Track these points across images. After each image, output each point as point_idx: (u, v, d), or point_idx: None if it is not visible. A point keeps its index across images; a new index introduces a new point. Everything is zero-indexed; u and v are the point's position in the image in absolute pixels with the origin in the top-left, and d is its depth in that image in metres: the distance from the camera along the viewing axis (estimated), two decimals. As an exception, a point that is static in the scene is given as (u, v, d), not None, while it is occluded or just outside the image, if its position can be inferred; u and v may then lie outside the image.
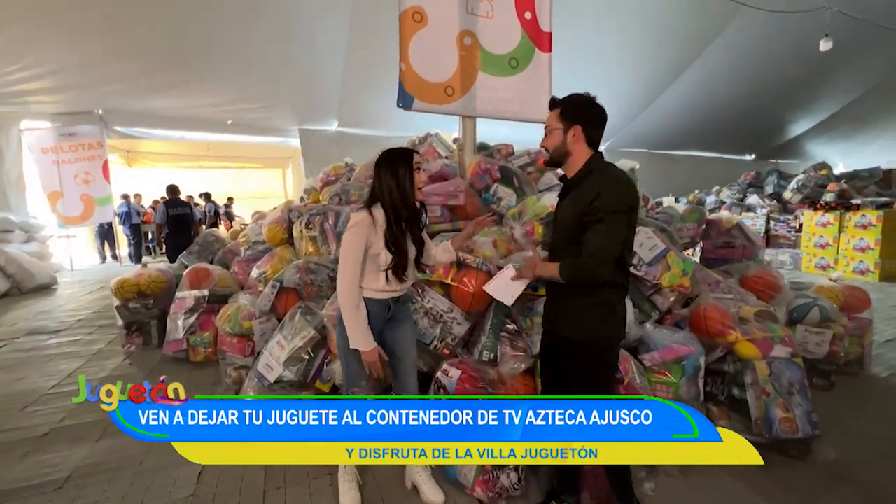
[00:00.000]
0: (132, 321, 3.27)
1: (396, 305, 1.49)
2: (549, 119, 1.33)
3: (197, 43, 6.01)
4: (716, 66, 8.25)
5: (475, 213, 2.63)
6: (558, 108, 1.31)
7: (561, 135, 1.30)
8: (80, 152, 7.45)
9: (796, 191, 8.66)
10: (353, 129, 8.70)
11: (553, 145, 1.32)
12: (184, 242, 5.03)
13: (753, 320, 2.12)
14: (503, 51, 2.99)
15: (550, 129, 1.32)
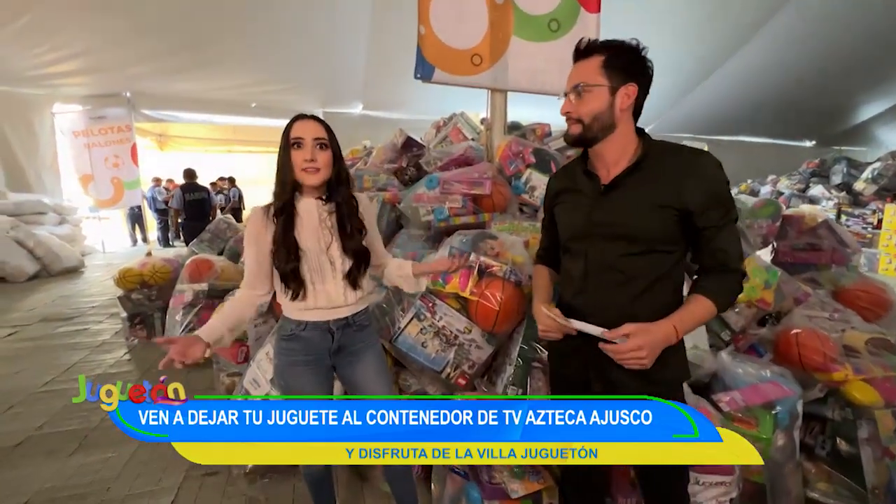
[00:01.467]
0: (136, 313, 3.10)
1: (344, 333, 1.14)
2: (583, 72, 0.88)
3: (219, 21, 5.82)
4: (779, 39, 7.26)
5: (503, 204, 2.22)
6: (600, 56, 0.87)
7: (605, 96, 0.87)
8: (110, 136, 7.49)
9: (871, 181, 7.64)
10: (377, 112, 8.39)
11: (591, 112, 0.88)
12: (202, 229, 4.90)
13: (866, 351, 1.63)
14: (542, 11, 2.51)
15: (586, 87, 0.87)
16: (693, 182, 0.84)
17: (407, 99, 7.63)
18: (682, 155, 0.88)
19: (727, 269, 0.87)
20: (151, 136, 9.95)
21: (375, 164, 3.29)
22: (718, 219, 0.85)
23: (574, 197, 0.97)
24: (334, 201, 1.13)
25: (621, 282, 0.90)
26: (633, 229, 0.88)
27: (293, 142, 1.05)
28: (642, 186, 0.87)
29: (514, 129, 3.03)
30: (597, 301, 0.92)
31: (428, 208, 2.19)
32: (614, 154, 0.91)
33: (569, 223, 0.98)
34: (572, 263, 0.98)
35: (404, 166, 3.19)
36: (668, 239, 0.88)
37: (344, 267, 1.12)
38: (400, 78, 6.88)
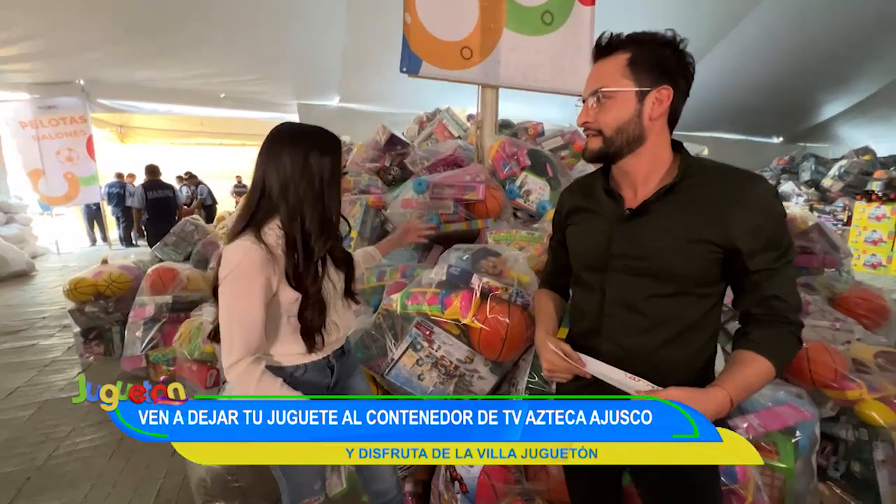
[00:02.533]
0: (90, 327, 2.80)
1: (339, 363, 1.02)
2: (604, 73, 0.72)
3: (183, 4, 5.38)
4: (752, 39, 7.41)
5: (497, 209, 2.08)
6: (626, 53, 0.71)
7: (632, 102, 0.71)
8: (62, 127, 6.90)
9: (837, 178, 7.96)
10: (356, 105, 8.06)
11: (614, 122, 0.72)
12: (167, 229, 4.54)
13: (875, 366, 1.58)
14: (535, 2, 2.35)
15: (608, 92, 0.71)
16: (744, 215, 0.69)
17: (387, 92, 7.36)
18: (730, 179, 0.72)
19: (784, 321, 0.71)
20: (111, 127, 9.28)
21: (357, 162, 3.08)
22: (773, 260, 0.70)
23: (591, 219, 0.82)
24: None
25: (644, 327, 0.75)
26: (662, 266, 0.73)
27: (344, 170, 0.91)
28: (677, 214, 0.72)
29: (504, 127, 2.89)
30: (614, 346, 0.78)
31: (417, 214, 2.02)
32: (643, 171, 0.76)
33: (583, 250, 0.83)
34: (585, 297, 0.83)
35: (387, 165, 2.99)
36: (706, 280, 0.73)
37: (342, 285, 0.99)
38: (379, 69, 6.61)
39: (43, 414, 2.21)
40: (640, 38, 0.73)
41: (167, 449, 1.90)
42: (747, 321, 0.76)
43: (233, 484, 1.47)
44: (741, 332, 0.76)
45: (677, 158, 0.76)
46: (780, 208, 0.71)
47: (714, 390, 0.68)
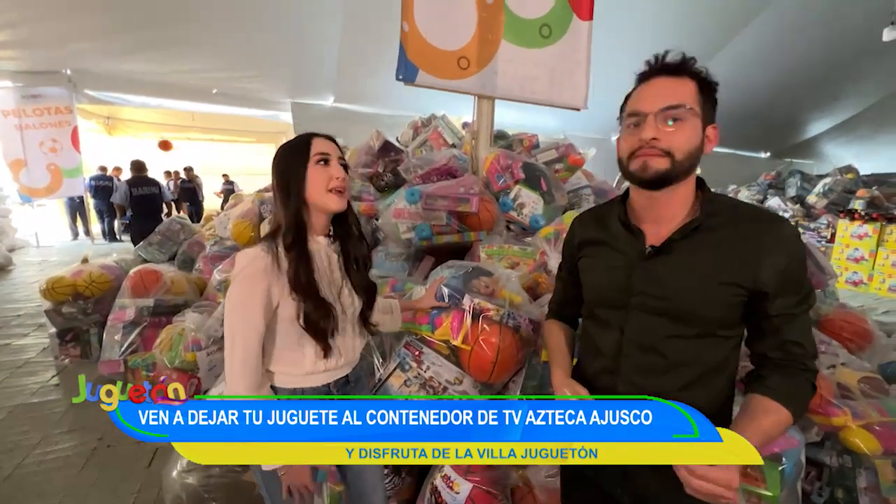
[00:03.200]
0: (67, 328, 2.71)
1: (343, 392, 0.99)
2: (679, 92, 0.69)
3: (175, 0, 5.28)
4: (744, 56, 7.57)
5: (490, 222, 2.06)
6: (694, 80, 0.70)
7: (700, 130, 0.69)
8: (46, 117, 6.71)
9: (822, 195, 8.11)
10: (350, 106, 7.99)
11: (687, 145, 0.68)
12: (152, 227, 4.41)
13: (859, 392, 1.59)
14: (534, 14, 2.35)
15: (684, 112, 0.68)
16: (772, 258, 0.67)
17: (382, 93, 7.31)
18: (756, 220, 0.70)
19: (801, 368, 0.70)
20: (97, 118, 9.07)
21: (350, 166, 3.05)
22: (795, 305, 0.69)
23: (607, 253, 0.79)
24: (342, 232, 0.97)
25: (664, 368, 0.73)
26: (687, 307, 0.70)
27: (319, 157, 0.87)
28: (704, 254, 0.70)
29: (499, 138, 2.88)
30: (632, 387, 0.75)
31: (409, 225, 2.00)
32: (675, 207, 0.73)
33: (599, 285, 0.80)
34: (602, 335, 0.80)
35: (380, 171, 2.96)
36: (729, 323, 0.71)
37: (355, 311, 0.96)
38: (375, 70, 6.56)
39: (13, 420, 2.12)
40: (703, 70, 0.72)
41: (142, 461, 1.84)
42: (763, 364, 0.74)
43: (209, 501, 1.42)
44: (756, 375, 0.74)
45: (699, 195, 0.74)
46: (804, 252, 0.71)
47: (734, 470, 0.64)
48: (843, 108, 10.60)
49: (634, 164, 0.70)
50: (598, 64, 2.55)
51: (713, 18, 6.60)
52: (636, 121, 0.71)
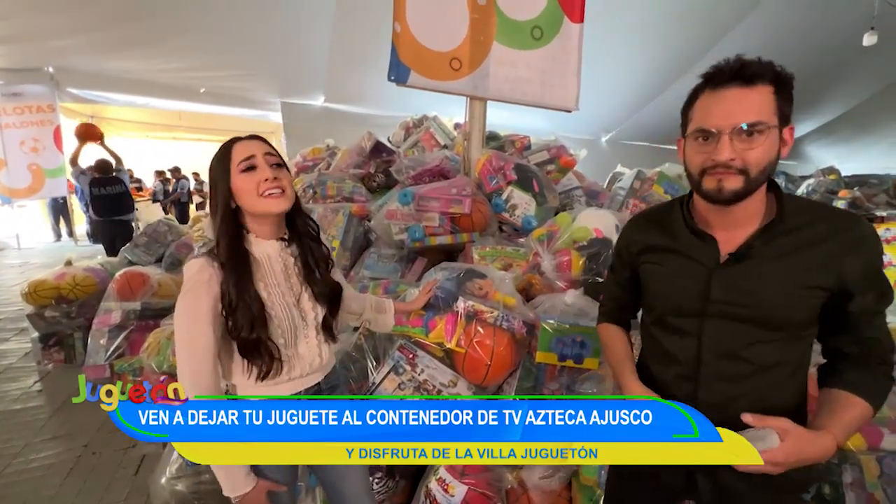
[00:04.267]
0: (50, 333, 2.65)
1: None
2: (756, 105, 0.64)
3: (161, -6, 5.18)
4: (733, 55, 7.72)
5: (483, 224, 2.06)
6: (771, 85, 0.65)
7: (777, 140, 0.66)
8: (28, 116, 6.54)
9: (806, 196, 8.30)
10: (341, 106, 7.94)
11: (764, 161, 0.65)
12: (117, 230, 4.24)
13: (845, 389, 1.63)
14: (525, 16, 2.36)
15: (765, 128, 0.64)
16: (853, 257, 0.66)
17: (373, 93, 7.27)
18: (834, 219, 0.68)
19: (880, 363, 0.69)
20: (81, 117, 8.86)
21: (340, 168, 3.03)
22: (876, 302, 0.68)
23: (678, 261, 0.76)
24: (296, 236, 0.91)
25: (746, 374, 0.72)
26: (771, 313, 0.69)
27: (243, 165, 0.82)
28: (786, 259, 0.68)
29: (491, 139, 2.88)
30: (714, 395, 0.73)
31: (401, 226, 1.99)
32: (747, 213, 0.70)
33: (673, 294, 0.77)
34: (676, 342, 0.77)
35: (372, 172, 2.95)
36: (809, 322, 0.70)
37: (317, 318, 0.91)
38: (366, 70, 6.54)
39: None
40: (782, 70, 0.67)
41: (129, 469, 1.80)
42: (839, 358, 0.73)
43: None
44: (832, 368, 0.74)
45: (771, 197, 0.72)
46: (881, 248, 0.69)
47: (823, 434, 0.65)
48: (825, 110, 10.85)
49: (708, 184, 0.67)
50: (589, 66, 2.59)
51: (700, 23, 6.71)
52: (704, 136, 0.67)
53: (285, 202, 0.84)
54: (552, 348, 1.22)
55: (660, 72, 7.99)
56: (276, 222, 0.88)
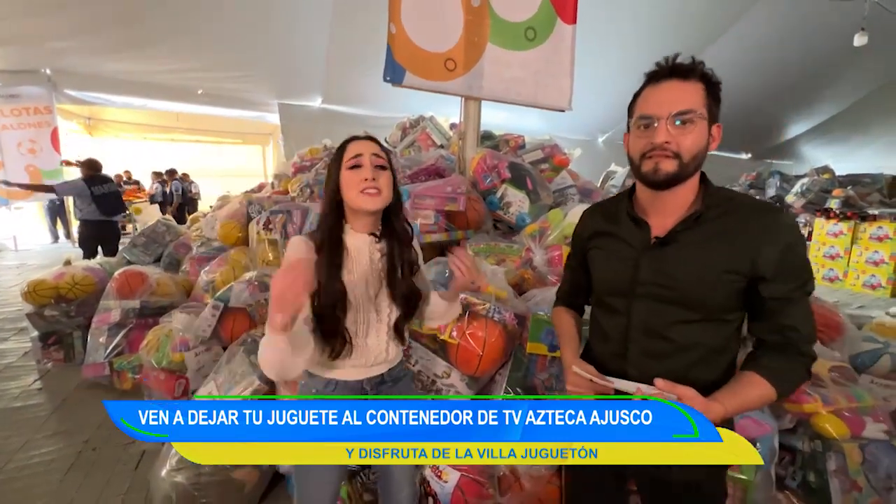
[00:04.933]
0: (49, 332, 2.67)
1: (378, 391, 0.98)
2: (688, 96, 0.71)
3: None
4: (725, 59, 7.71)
5: (477, 221, 2.10)
6: (701, 83, 0.73)
7: (706, 132, 0.73)
8: (25, 117, 6.56)
9: (800, 195, 8.35)
10: (338, 107, 7.97)
11: (695, 148, 0.71)
12: (106, 232, 4.11)
13: (830, 380, 1.67)
14: (519, 18, 2.41)
15: (696, 117, 0.71)
16: (771, 245, 0.70)
17: (370, 94, 7.31)
18: (755, 210, 0.74)
19: (797, 352, 0.73)
20: (78, 118, 8.89)
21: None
22: (792, 290, 0.72)
23: (615, 244, 0.83)
24: (388, 234, 0.96)
25: (670, 352, 0.77)
26: (691, 295, 0.74)
27: (351, 163, 0.89)
28: (707, 244, 0.73)
29: (486, 139, 2.92)
30: (640, 370, 0.78)
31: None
32: (679, 202, 0.76)
33: (608, 275, 0.84)
34: (610, 321, 0.84)
35: (369, 172, 2.98)
36: (730, 307, 0.75)
37: (391, 317, 0.95)
38: (363, 71, 6.57)
39: None
40: (711, 72, 0.74)
41: (129, 464, 1.83)
42: (760, 346, 0.77)
43: (199, 500, 1.42)
44: (752, 355, 0.77)
45: (702, 189, 0.78)
46: (802, 239, 0.73)
47: (715, 405, 0.69)
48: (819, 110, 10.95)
49: (647, 166, 0.73)
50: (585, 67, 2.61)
51: (694, 24, 6.78)
52: (647, 123, 0.73)
53: (379, 202, 0.90)
54: (542, 339, 1.25)
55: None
56: (371, 219, 0.93)
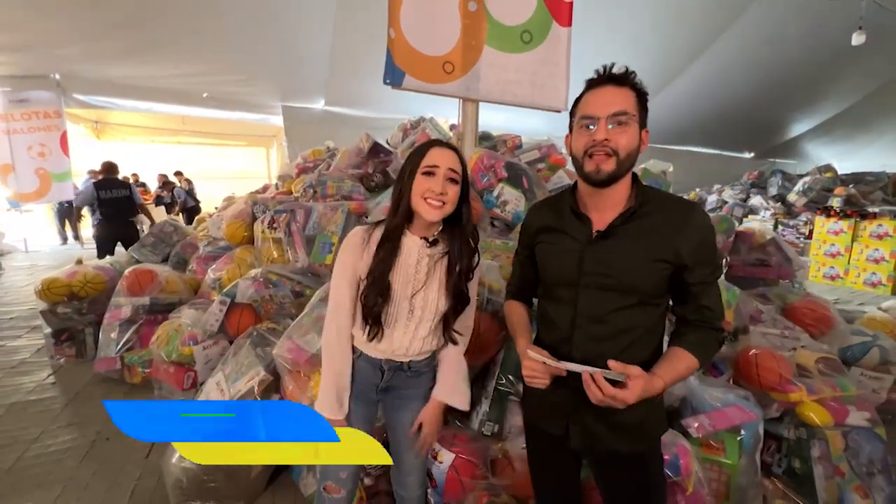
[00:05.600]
0: (62, 328, 2.75)
1: (395, 375, 1.07)
2: (622, 100, 0.80)
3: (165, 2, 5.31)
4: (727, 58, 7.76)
5: (475, 218, 2.16)
6: (633, 91, 0.82)
7: (638, 134, 0.82)
8: (35, 121, 6.69)
9: (801, 194, 8.37)
10: (340, 109, 8.07)
11: (629, 146, 0.80)
12: (119, 233, 4.22)
13: (816, 371, 1.72)
14: (515, 21, 2.47)
15: (631, 119, 0.80)
16: (687, 237, 0.82)
17: (372, 97, 7.40)
18: (677, 207, 0.85)
19: (712, 328, 0.86)
20: (85, 122, 9.04)
21: (340, 168, 3.14)
22: (708, 275, 0.84)
23: (561, 239, 0.91)
24: (446, 241, 1.02)
25: (610, 335, 0.85)
26: (628, 282, 0.83)
27: (426, 169, 0.94)
28: (639, 237, 0.83)
29: (484, 139, 2.99)
30: (585, 352, 0.86)
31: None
32: (615, 198, 0.85)
33: (555, 268, 0.92)
34: (557, 310, 0.91)
35: (370, 172, 3.06)
36: (659, 292, 0.85)
37: (423, 317, 1.02)
38: (365, 74, 6.65)
39: (11, 416, 2.16)
40: (640, 83, 0.84)
41: (140, 453, 1.90)
42: (683, 324, 0.89)
43: (208, 484, 1.49)
44: (677, 332, 0.89)
45: (633, 187, 0.87)
46: (713, 232, 0.85)
47: (657, 379, 0.80)
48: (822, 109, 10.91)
49: (589, 166, 0.82)
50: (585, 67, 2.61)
51: (693, 23, 6.81)
52: (588, 122, 0.82)
53: (440, 214, 0.95)
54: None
55: (656, 72, 8.08)
56: (427, 225, 0.99)
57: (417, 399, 1.10)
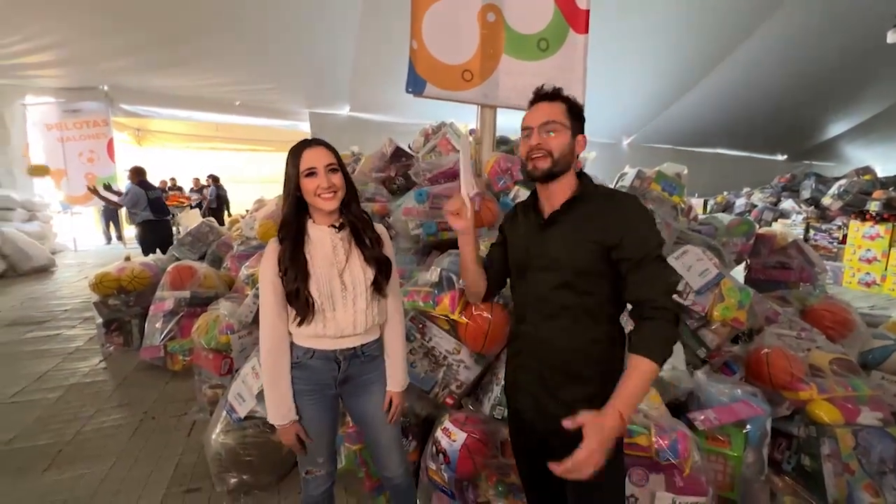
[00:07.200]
0: (111, 319, 3.01)
1: (352, 364, 1.12)
2: (551, 112, 0.95)
3: (201, 17, 5.69)
4: (756, 58, 7.55)
5: (491, 220, 2.26)
6: (564, 103, 0.97)
7: (569, 137, 0.96)
8: (85, 130, 7.24)
9: (837, 197, 8.02)
10: (364, 115, 8.34)
11: (560, 147, 0.94)
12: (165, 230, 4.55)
13: (830, 371, 1.72)
14: (532, 30, 2.56)
15: (558, 125, 0.94)
16: (615, 219, 0.91)
17: (395, 102, 7.61)
18: (611, 198, 0.96)
19: (654, 307, 0.85)
20: (128, 130, 9.63)
21: (364, 172, 3.29)
22: (636, 251, 0.88)
23: (518, 229, 1.06)
24: (348, 221, 1.10)
25: (553, 312, 0.96)
26: (562, 260, 0.94)
27: (307, 171, 1.03)
28: (577, 224, 0.94)
29: (502, 143, 3.08)
30: (540, 331, 0.98)
31: (417, 222, 2.21)
32: (561, 193, 0.98)
33: (514, 253, 1.06)
34: (518, 290, 1.06)
35: (392, 176, 3.20)
36: (589, 269, 0.92)
37: (366, 281, 1.09)
38: (388, 80, 6.87)
39: (70, 396, 2.40)
40: (572, 98, 0.99)
41: (182, 431, 2.09)
42: (634, 320, 0.90)
43: (244, 458, 1.65)
44: (630, 336, 0.89)
45: (579, 183, 1.00)
46: (644, 215, 0.93)
47: (607, 413, 0.79)
48: (860, 109, 10.43)
49: (529, 165, 0.97)
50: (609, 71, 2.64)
51: (720, 26, 6.68)
52: (527, 133, 0.98)
53: (332, 202, 1.04)
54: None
55: (681, 75, 7.97)
56: (328, 213, 1.07)
57: (377, 381, 1.16)
